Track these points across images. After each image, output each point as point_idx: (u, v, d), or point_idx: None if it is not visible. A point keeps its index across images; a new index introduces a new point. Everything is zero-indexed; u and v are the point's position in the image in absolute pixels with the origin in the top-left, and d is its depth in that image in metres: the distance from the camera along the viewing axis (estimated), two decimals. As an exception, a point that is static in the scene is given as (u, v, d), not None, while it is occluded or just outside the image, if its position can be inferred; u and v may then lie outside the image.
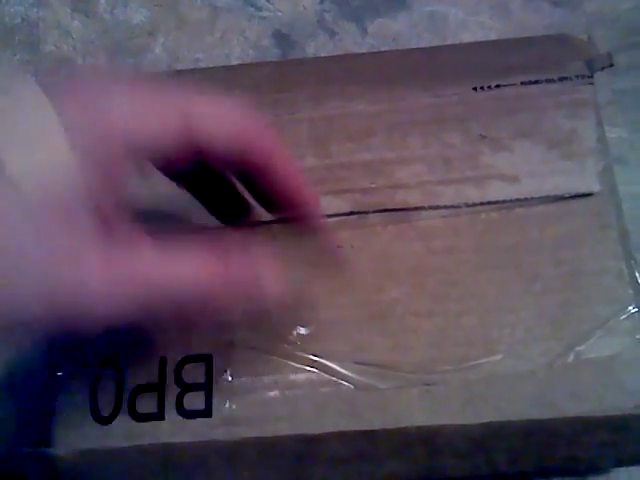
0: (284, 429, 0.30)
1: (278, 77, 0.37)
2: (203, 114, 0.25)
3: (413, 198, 0.33)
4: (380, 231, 0.33)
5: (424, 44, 0.42)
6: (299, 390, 0.30)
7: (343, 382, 0.30)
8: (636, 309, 0.31)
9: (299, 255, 0.33)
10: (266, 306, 0.28)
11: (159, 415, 0.30)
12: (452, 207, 0.33)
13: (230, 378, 0.31)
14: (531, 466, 0.31)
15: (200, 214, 0.31)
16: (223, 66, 0.42)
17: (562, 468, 0.32)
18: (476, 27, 0.43)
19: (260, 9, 0.45)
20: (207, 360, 0.31)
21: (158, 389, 0.31)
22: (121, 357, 0.31)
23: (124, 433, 0.30)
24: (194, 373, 0.31)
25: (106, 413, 0.31)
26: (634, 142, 0.38)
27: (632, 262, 0.32)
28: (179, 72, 0.41)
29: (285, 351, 0.31)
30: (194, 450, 0.30)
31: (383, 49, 0.43)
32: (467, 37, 0.43)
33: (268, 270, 0.27)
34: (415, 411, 0.30)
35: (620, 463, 0.32)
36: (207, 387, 0.30)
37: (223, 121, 0.26)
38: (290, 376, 0.31)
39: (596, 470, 0.33)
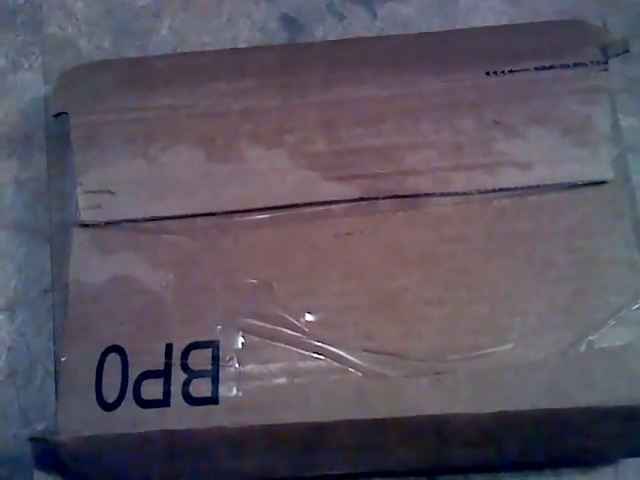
0: (292, 417, 0.29)
1: (287, 61, 0.36)
2: None
3: (424, 184, 0.32)
4: (390, 217, 0.32)
5: (434, 28, 0.42)
6: (307, 378, 0.30)
7: (352, 370, 0.30)
8: (649, 299, 0.30)
9: (306, 240, 0.32)
10: None
11: (165, 402, 0.30)
12: (463, 194, 0.32)
13: (237, 365, 0.30)
14: (541, 456, 0.30)
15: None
16: (231, 49, 0.41)
17: (572, 459, 0.32)
18: (487, 11, 0.42)
19: (267, -8, 0.44)
20: (214, 346, 0.31)
21: (164, 375, 0.30)
22: (126, 343, 0.31)
23: (129, 420, 0.30)
24: (200, 359, 0.30)
25: (111, 399, 0.30)
26: (647, 131, 0.37)
27: (645, 251, 0.31)
28: (185, 54, 0.41)
29: (293, 338, 0.30)
30: (200, 437, 0.29)
31: (393, 33, 0.42)
32: (478, 21, 0.42)
33: None
34: (425, 400, 0.29)
35: (631, 454, 0.31)
36: (214, 374, 0.30)
37: None
38: (298, 363, 0.30)
39: (605, 461, 0.32)
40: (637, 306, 0.30)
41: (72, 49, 0.44)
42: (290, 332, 0.31)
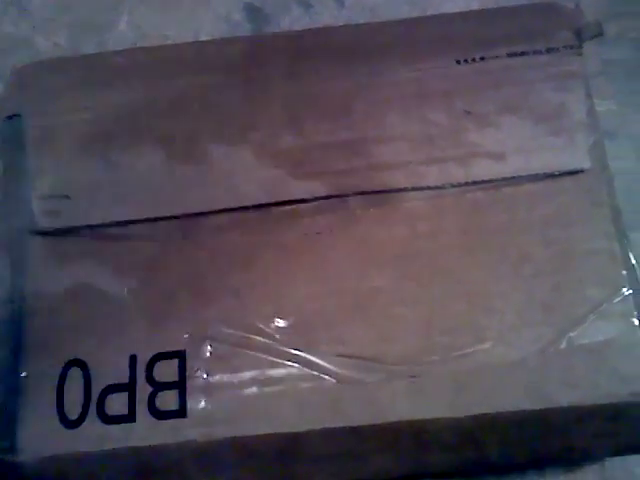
0: (264, 428, 0.28)
1: (250, 53, 0.35)
2: None
3: (395, 179, 0.31)
4: (361, 215, 0.31)
5: (403, 16, 0.40)
6: (278, 386, 0.29)
7: (325, 376, 0.29)
8: (630, 291, 0.29)
9: (275, 242, 0.31)
10: None
11: (130, 417, 0.28)
12: (436, 188, 0.31)
13: (205, 375, 0.29)
14: (524, 458, 0.29)
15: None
16: (192, 42, 0.39)
17: (556, 459, 0.31)
18: (457, -3, 0.41)
19: (230, -18, 0.42)
20: (180, 357, 0.29)
21: (129, 389, 0.29)
22: (88, 356, 0.29)
23: (93, 437, 0.28)
24: (166, 371, 0.29)
25: (74, 416, 0.29)
26: (624, 115, 0.36)
27: (625, 241, 0.30)
28: (146, 49, 0.39)
29: (263, 345, 0.29)
30: (169, 453, 0.28)
31: (360, 22, 0.41)
32: (448, 7, 0.41)
33: None
34: (401, 405, 0.28)
35: (616, 452, 0.31)
36: (181, 385, 0.29)
37: None
38: (269, 371, 0.29)
39: (590, 460, 0.31)
40: (618, 299, 0.29)
41: (28, 48, 0.42)
42: (260, 339, 0.29)
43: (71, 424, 0.29)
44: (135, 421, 0.28)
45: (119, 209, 0.32)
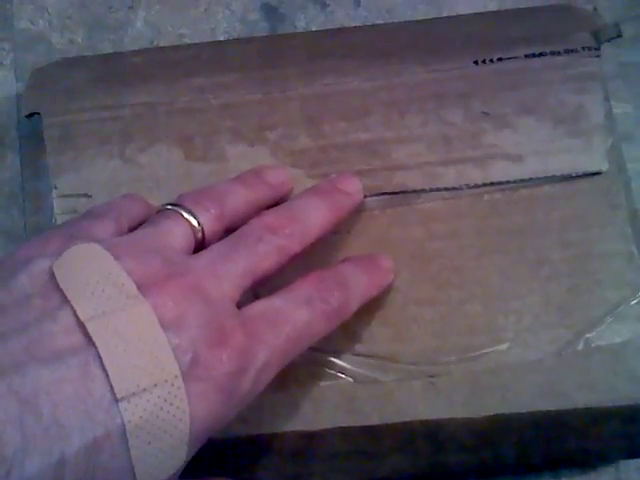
0: (280, 426, 0.28)
1: (268, 53, 0.35)
2: None
3: (412, 180, 0.31)
4: (378, 215, 0.31)
5: (420, 16, 0.40)
6: (295, 384, 0.29)
7: (342, 375, 0.29)
8: (647, 293, 0.29)
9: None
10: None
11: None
12: (453, 189, 0.31)
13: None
14: (540, 459, 0.30)
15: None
16: (209, 42, 0.39)
17: (571, 460, 0.31)
18: (474, -3, 0.41)
19: (246, -19, 0.42)
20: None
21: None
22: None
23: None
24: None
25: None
26: (641, 117, 0.36)
27: (642, 244, 0.30)
28: (162, 49, 0.39)
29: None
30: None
31: (377, 22, 0.40)
32: (464, 8, 0.41)
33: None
34: (418, 405, 0.28)
35: (632, 455, 0.31)
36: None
37: None
38: (285, 370, 0.29)
39: (605, 462, 0.31)
40: (635, 301, 0.29)
41: (44, 44, 0.42)
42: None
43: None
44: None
45: (137, 207, 0.32)
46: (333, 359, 0.29)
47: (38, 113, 0.34)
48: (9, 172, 0.39)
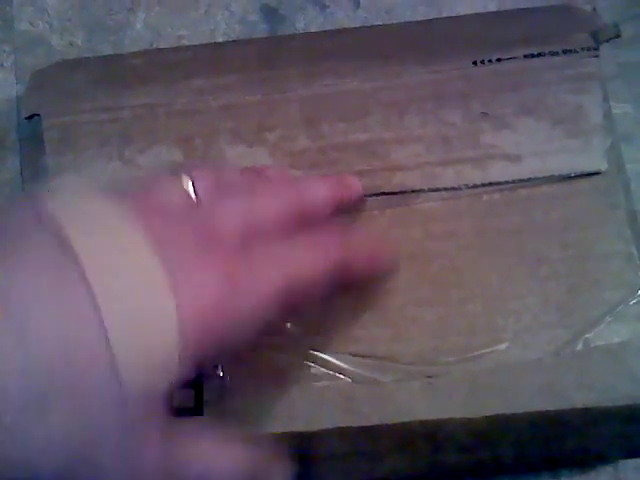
0: (278, 426, 0.28)
1: (267, 54, 0.35)
2: None
3: (411, 180, 0.31)
4: (377, 216, 0.31)
5: (419, 17, 0.40)
6: (293, 384, 0.29)
7: (340, 376, 0.29)
8: (646, 293, 0.29)
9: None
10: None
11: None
12: (452, 189, 0.31)
13: (221, 373, 0.29)
14: (539, 459, 0.30)
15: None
16: (208, 44, 0.39)
17: (570, 460, 0.31)
18: (473, -3, 0.41)
19: (246, -18, 0.42)
20: (197, 355, 0.29)
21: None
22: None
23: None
24: (183, 369, 0.29)
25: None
26: (640, 118, 0.36)
27: (641, 244, 0.30)
28: (162, 50, 0.39)
29: (278, 344, 0.29)
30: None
31: (376, 23, 0.41)
32: (464, 8, 0.41)
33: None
34: (417, 405, 0.28)
35: (631, 454, 0.31)
36: (197, 383, 0.29)
37: None
38: (284, 370, 0.29)
39: (605, 462, 0.31)
40: (634, 301, 0.29)
41: (44, 46, 0.42)
42: (275, 338, 0.29)
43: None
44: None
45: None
46: (332, 359, 0.29)
47: (38, 115, 0.34)
48: (9, 173, 0.39)
